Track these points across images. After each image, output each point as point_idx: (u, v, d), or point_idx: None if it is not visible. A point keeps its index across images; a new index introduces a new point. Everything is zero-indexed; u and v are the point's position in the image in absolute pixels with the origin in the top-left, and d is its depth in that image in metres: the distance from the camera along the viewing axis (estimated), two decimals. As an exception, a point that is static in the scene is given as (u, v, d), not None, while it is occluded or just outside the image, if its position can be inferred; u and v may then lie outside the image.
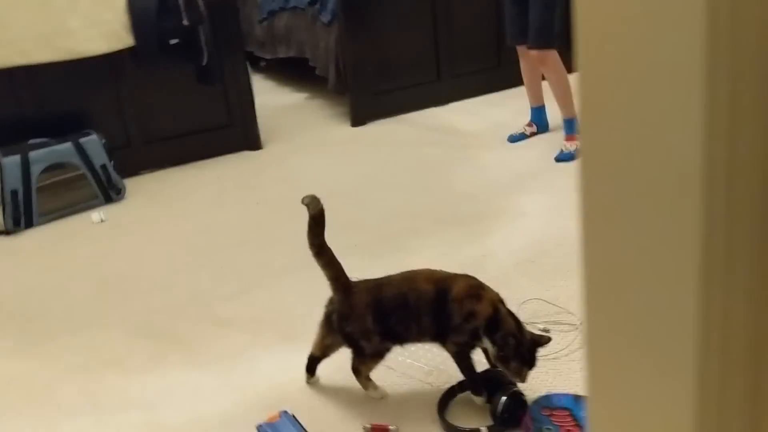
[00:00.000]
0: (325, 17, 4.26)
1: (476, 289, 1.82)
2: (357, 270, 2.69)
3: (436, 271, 1.92)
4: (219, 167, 3.96)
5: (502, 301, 1.85)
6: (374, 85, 4.36)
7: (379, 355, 1.88)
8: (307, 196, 1.93)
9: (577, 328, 2.19)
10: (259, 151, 4.13)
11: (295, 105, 4.95)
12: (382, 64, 4.35)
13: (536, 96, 3.87)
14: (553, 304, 2.32)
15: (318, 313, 2.44)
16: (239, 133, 4.13)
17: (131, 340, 2.42)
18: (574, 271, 2.55)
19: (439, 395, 1.94)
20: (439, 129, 4.16)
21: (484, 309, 1.78)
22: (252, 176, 3.81)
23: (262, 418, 1.91)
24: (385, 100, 4.42)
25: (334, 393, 2.06)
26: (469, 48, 4.54)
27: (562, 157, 3.49)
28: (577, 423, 1.78)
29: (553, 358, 2.08)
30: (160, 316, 2.54)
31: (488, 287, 1.87)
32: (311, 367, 2.03)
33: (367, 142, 4.13)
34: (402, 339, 1.86)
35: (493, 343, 1.79)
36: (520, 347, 1.78)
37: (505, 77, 4.54)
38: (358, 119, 4.36)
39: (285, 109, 4.87)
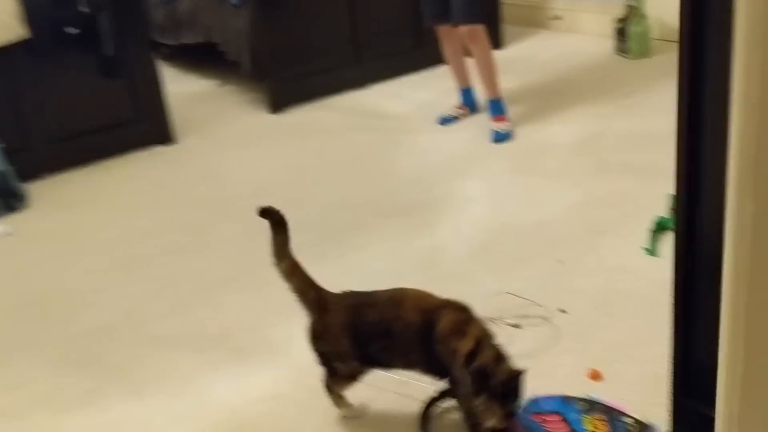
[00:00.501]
0: (236, -1, 3.99)
1: (462, 324, 1.61)
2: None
3: (426, 296, 1.72)
4: (131, 166, 3.64)
5: (489, 336, 1.65)
6: (292, 69, 4.12)
7: (353, 377, 1.71)
8: (263, 207, 1.72)
9: (548, 321, 2.11)
10: (173, 145, 3.83)
11: (206, 93, 4.65)
12: (299, 47, 4.12)
13: (463, 77, 3.76)
14: (520, 297, 2.22)
15: (269, 324, 2.27)
16: (150, 127, 3.81)
17: (60, 372, 2.15)
18: (531, 259, 2.48)
19: (418, 407, 1.80)
20: (366, 113, 3.99)
21: (465, 345, 1.58)
22: (169, 174, 3.52)
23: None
24: (305, 85, 4.20)
25: (304, 414, 1.88)
26: (387, 28, 4.37)
27: (498, 138, 3.40)
28: (571, 427, 1.68)
29: (529, 356, 1.97)
30: (89, 342, 2.28)
31: (477, 321, 1.67)
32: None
33: (291, 131, 3.91)
34: (384, 365, 1.69)
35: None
36: (489, 379, 1.55)
37: (426, 57, 4.40)
38: (277, 106, 4.12)
39: (195, 99, 4.55)
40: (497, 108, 3.53)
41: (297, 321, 2.24)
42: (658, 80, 3.96)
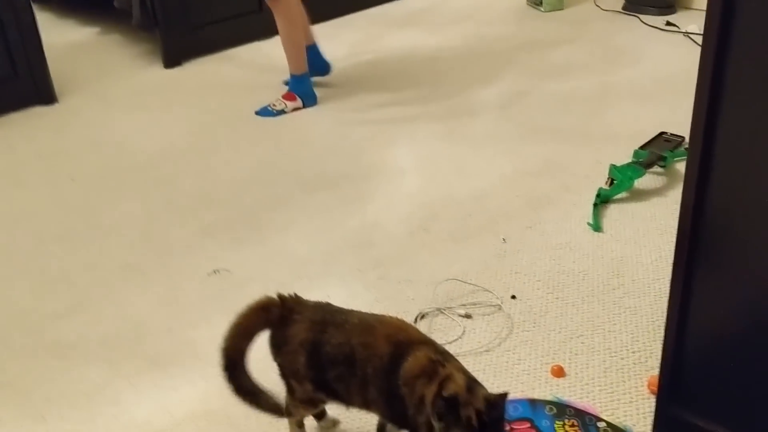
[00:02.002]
0: (121, -63, 3.52)
1: (434, 366, 1.31)
2: (217, 260, 2.24)
3: (405, 328, 1.43)
4: (6, 130, 3.18)
5: (463, 372, 1.34)
6: (189, 18, 3.72)
7: (311, 404, 1.48)
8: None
9: (500, 309, 1.95)
10: (55, 105, 3.38)
11: (88, 43, 4.15)
12: (194, -6, 3.71)
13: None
14: (467, 283, 2.05)
15: (188, 324, 1.99)
16: (26, 84, 3.33)
17: (-63, 394, 1.81)
18: (472, 237, 2.31)
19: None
20: (273, 67, 3.65)
21: (432, 390, 1.29)
22: (52, 140, 3.09)
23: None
24: (203, 35, 3.81)
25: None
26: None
27: (263, 113, 3.15)
28: (543, 437, 1.55)
29: (486, 351, 1.82)
30: (-30, 353, 1.93)
31: (453, 361, 1.36)
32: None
33: (190, 87, 3.53)
34: (341, 399, 1.44)
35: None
36: (461, 410, 1.26)
37: (332, 5, 4.12)
38: (172, 59, 3.72)
39: (76, 50, 4.05)
40: (292, 85, 3.20)
41: (220, 318, 1.97)
42: (576, 35, 3.87)
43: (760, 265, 1.21)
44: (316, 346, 1.38)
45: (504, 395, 1.29)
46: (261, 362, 1.51)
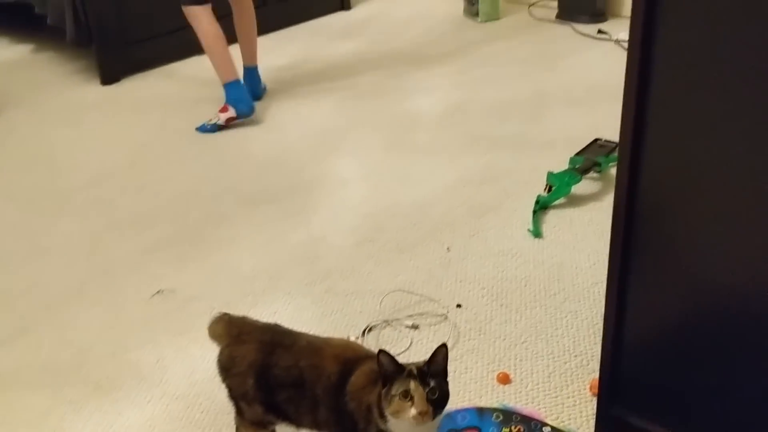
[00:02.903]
0: (52, -48, 3.45)
1: (373, 374, 1.32)
2: (160, 280, 2.22)
3: (351, 347, 1.44)
4: (-65, 151, 3.09)
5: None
6: (125, 33, 3.67)
7: (261, 425, 1.47)
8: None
9: (446, 318, 1.98)
10: (-13, 124, 3.30)
11: (22, 61, 4.05)
12: (131, 8, 3.66)
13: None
14: (414, 293, 2.07)
15: (132, 346, 1.96)
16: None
17: None
18: (417, 246, 2.34)
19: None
20: (212, 82, 3.61)
21: (377, 391, 1.29)
22: (-14, 160, 3.01)
23: None
24: (140, 51, 3.76)
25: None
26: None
27: (201, 129, 3.14)
28: (491, 443, 1.58)
29: (432, 361, 1.84)
30: None
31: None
32: None
33: (128, 104, 3.48)
34: (291, 420, 1.44)
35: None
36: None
37: (272, 17, 4.11)
38: (109, 75, 3.67)
39: (10, 68, 3.96)
40: (225, 95, 3.17)
41: (165, 339, 1.97)
42: (511, 44, 3.95)
43: (692, 265, 1.26)
44: (264, 369, 1.38)
45: (442, 345, 1.28)
46: (211, 383, 1.50)
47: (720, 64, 1.11)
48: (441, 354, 1.28)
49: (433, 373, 1.27)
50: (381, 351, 1.26)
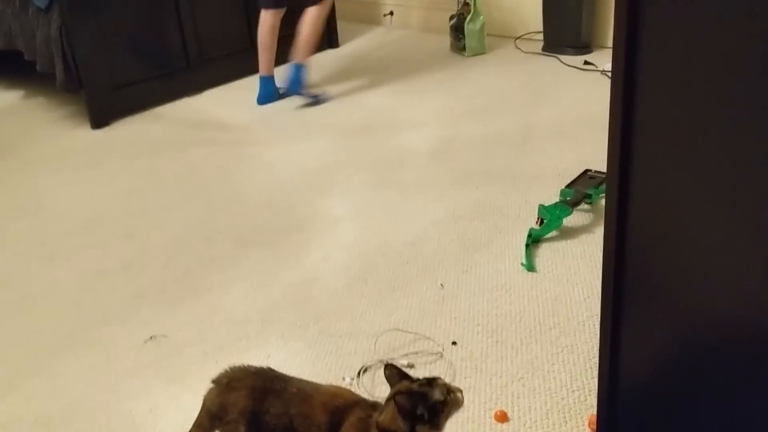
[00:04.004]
0: (41, 2, 3.48)
1: (365, 420, 1.34)
2: (152, 326, 2.19)
3: (339, 394, 1.43)
4: (-76, 201, 3.08)
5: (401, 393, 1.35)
6: (114, 77, 3.69)
7: None
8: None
9: (441, 356, 1.97)
10: (-23, 173, 3.29)
11: (12, 107, 4.06)
12: (118, 53, 3.69)
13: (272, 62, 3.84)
14: (408, 332, 2.06)
15: (125, 396, 1.94)
16: (-55, 153, 3.25)
17: None
18: (410, 285, 2.33)
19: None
20: (202, 124, 3.66)
21: None
22: (-25, 209, 3.00)
23: None
24: (130, 94, 3.78)
25: None
26: (219, 27, 4.05)
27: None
28: (489, 485, 1.55)
29: (429, 401, 1.82)
30: None
31: (380, 407, 1.39)
32: None
33: (118, 149, 3.49)
34: None
35: None
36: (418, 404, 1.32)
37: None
38: (99, 120, 3.68)
39: (0, 114, 3.97)
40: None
41: (158, 387, 1.95)
42: (498, 78, 3.99)
43: (686, 297, 1.25)
44: (255, 416, 1.36)
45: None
46: None
47: (704, 92, 1.11)
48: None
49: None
50: (398, 395, 1.30)
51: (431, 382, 1.35)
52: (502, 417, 1.75)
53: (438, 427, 1.34)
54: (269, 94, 3.81)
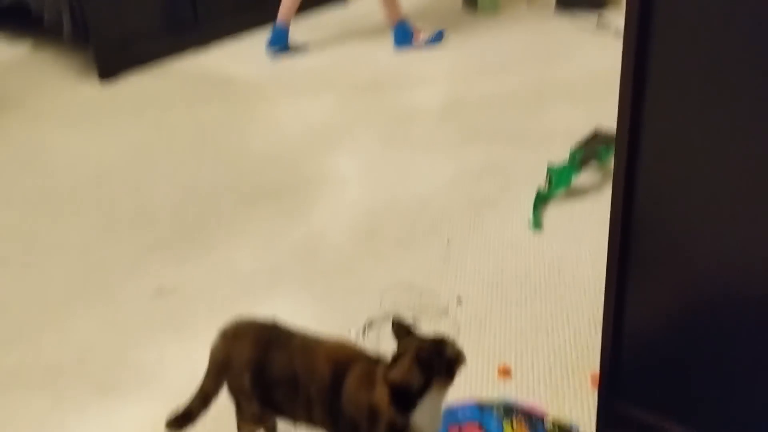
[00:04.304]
0: (48, -48, 3.44)
1: (369, 374, 1.35)
2: (161, 279, 2.21)
3: (343, 347, 1.44)
4: (-67, 154, 3.08)
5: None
6: (122, 30, 3.66)
7: (260, 420, 1.48)
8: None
9: (446, 312, 1.98)
10: (-16, 126, 3.29)
11: (19, 60, 4.04)
12: (127, 5, 3.65)
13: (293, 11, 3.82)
14: (414, 288, 2.07)
15: (133, 345, 1.96)
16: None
17: None
18: (417, 242, 2.33)
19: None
20: (210, 79, 3.63)
21: (381, 393, 1.31)
22: (-17, 163, 3.01)
23: None
24: (138, 48, 3.75)
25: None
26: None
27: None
28: (492, 437, 1.57)
29: (434, 356, 1.84)
30: None
31: (384, 361, 1.38)
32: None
33: (126, 103, 3.47)
34: (287, 416, 1.45)
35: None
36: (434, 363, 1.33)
37: (271, 12, 4.09)
38: (107, 73, 3.66)
39: (8, 67, 3.95)
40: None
41: (165, 338, 1.97)
42: (511, 37, 3.94)
43: (692, 256, 1.25)
44: (260, 366, 1.38)
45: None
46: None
47: (717, 52, 1.10)
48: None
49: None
50: (420, 348, 1.30)
51: (442, 338, 1.35)
52: (506, 372, 1.77)
53: (451, 382, 1.35)
54: (280, 39, 3.78)
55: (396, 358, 1.34)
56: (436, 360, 1.31)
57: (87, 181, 2.82)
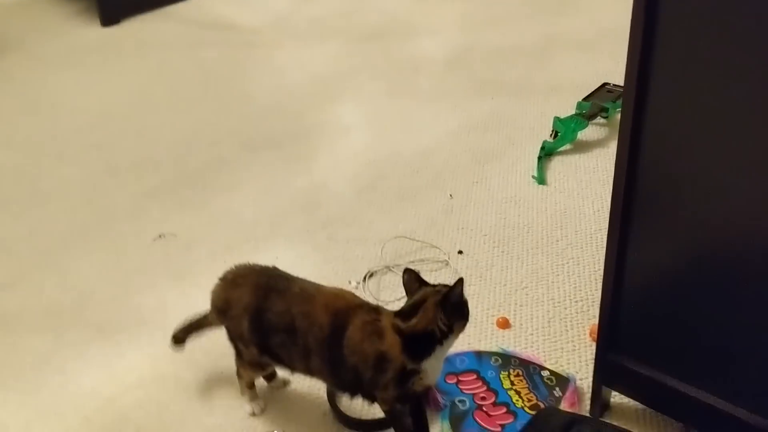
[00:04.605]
0: None
1: (372, 323, 1.35)
2: (161, 224, 2.21)
3: (341, 296, 1.43)
4: (-66, 94, 3.06)
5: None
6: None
7: (259, 366, 1.48)
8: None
9: (447, 264, 1.98)
10: (-14, 67, 3.26)
11: (22, 4, 3.97)
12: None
13: None
14: (415, 240, 2.06)
15: (134, 290, 1.97)
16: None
17: None
18: (419, 194, 2.32)
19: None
20: (214, 24, 3.58)
21: (391, 341, 1.32)
22: (-15, 104, 2.99)
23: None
24: (140, -8, 3.69)
25: (191, 399, 1.64)
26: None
27: None
28: (489, 386, 1.58)
29: (433, 307, 1.84)
30: None
31: (385, 311, 1.39)
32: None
33: (128, 47, 3.43)
34: (284, 364, 1.45)
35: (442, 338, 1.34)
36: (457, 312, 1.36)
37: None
38: (109, 16, 3.61)
39: (8, 10, 3.89)
40: None
41: (166, 283, 1.98)
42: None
43: (694, 212, 1.24)
44: (258, 312, 1.38)
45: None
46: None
47: (727, 7, 1.07)
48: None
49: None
50: (451, 293, 1.32)
51: (457, 282, 1.34)
52: (504, 324, 1.77)
53: (466, 324, 1.38)
54: None
55: (414, 306, 1.33)
56: (459, 305, 1.33)
57: (89, 124, 2.79)
